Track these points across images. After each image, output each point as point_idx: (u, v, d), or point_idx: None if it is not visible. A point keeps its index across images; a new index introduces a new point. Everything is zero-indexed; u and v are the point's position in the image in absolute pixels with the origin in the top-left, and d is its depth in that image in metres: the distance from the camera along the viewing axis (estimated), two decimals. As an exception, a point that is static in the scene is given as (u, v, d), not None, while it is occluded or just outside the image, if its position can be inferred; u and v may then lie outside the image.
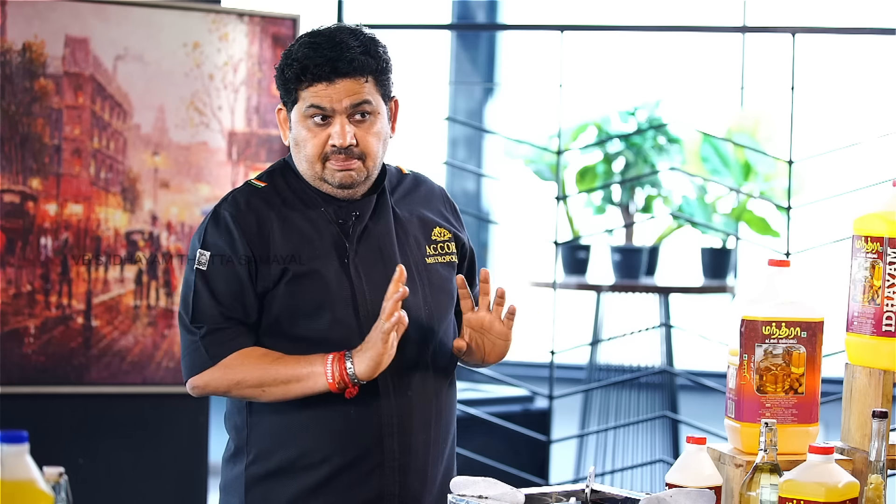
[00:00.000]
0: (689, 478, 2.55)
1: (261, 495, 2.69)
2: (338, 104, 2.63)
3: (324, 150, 2.65)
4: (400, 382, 2.68)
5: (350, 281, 2.66)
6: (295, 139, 2.69)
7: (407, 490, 2.68)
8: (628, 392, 5.80)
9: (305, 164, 2.68)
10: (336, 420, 2.65)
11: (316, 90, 2.63)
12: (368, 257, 2.69)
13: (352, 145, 2.64)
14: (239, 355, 2.64)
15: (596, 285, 5.73)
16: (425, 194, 2.85)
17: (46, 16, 4.25)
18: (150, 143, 4.41)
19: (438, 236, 2.81)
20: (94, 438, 4.39)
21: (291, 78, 2.66)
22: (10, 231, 4.23)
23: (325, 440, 2.66)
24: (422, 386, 2.71)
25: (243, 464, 2.71)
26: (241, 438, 2.72)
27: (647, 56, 7.06)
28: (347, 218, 2.70)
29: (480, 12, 7.52)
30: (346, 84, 2.63)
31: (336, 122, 2.64)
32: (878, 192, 2.78)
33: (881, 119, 6.26)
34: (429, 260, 2.77)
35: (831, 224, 5.38)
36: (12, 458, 1.79)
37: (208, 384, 2.65)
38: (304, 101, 2.65)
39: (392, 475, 2.68)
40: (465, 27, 7.50)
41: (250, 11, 4.52)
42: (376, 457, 2.66)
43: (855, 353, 2.73)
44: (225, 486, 2.77)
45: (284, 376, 2.61)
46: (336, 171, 2.66)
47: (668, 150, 5.77)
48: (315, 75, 2.63)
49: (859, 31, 5.62)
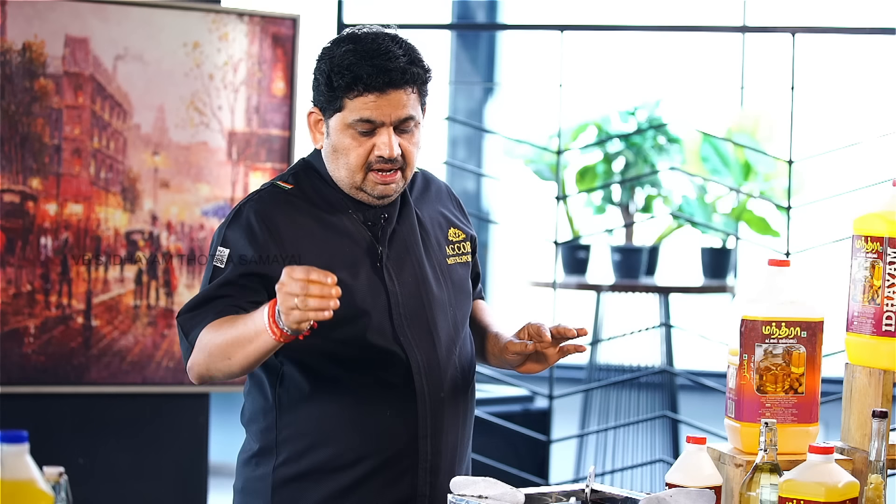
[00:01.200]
0: (689, 478, 2.55)
1: (289, 496, 2.66)
2: (386, 117, 2.59)
3: (367, 160, 2.61)
4: (434, 383, 2.66)
5: (384, 285, 2.65)
6: (334, 146, 2.63)
7: (437, 490, 2.67)
8: (628, 392, 5.80)
9: (344, 173, 2.64)
10: (372, 421, 2.63)
11: (366, 101, 2.58)
12: (399, 260, 2.68)
13: (396, 157, 2.61)
14: (205, 331, 2.56)
15: (596, 285, 5.73)
16: (436, 193, 2.84)
17: (46, 16, 4.25)
18: (150, 143, 4.41)
19: (454, 237, 2.80)
20: (94, 438, 4.39)
21: (342, 87, 2.58)
22: (10, 231, 4.23)
23: (361, 441, 2.63)
24: (452, 386, 2.70)
25: (271, 465, 2.67)
26: (268, 439, 2.67)
27: (647, 56, 7.06)
28: (377, 220, 2.68)
29: (480, 12, 7.52)
30: (395, 96, 2.59)
31: (383, 132, 2.60)
32: (878, 192, 2.78)
33: (881, 119, 6.26)
34: (449, 261, 2.77)
35: (831, 224, 5.38)
36: (12, 458, 1.79)
37: (192, 367, 2.58)
38: (350, 112, 2.59)
39: (424, 476, 2.66)
40: (465, 27, 7.50)
41: (250, 11, 4.52)
42: (410, 458, 2.65)
43: (855, 353, 2.73)
44: (245, 487, 2.72)
45: (236, 338, 2.48)
46: (377, 183, 2.62)
47: (668, 150, 5.77)
48: (368, 86, 2.57)
49: (859, 31, 5.62)
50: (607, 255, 5.79)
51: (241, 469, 2.74)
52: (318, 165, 2.71)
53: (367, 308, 2.62)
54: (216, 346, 2.52)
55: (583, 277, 5.76)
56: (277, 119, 4.55)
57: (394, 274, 2.66)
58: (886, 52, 6.34)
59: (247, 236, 2.62)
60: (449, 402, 2.69)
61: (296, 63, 4.55)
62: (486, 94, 7.53)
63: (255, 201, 2.66)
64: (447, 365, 2.69)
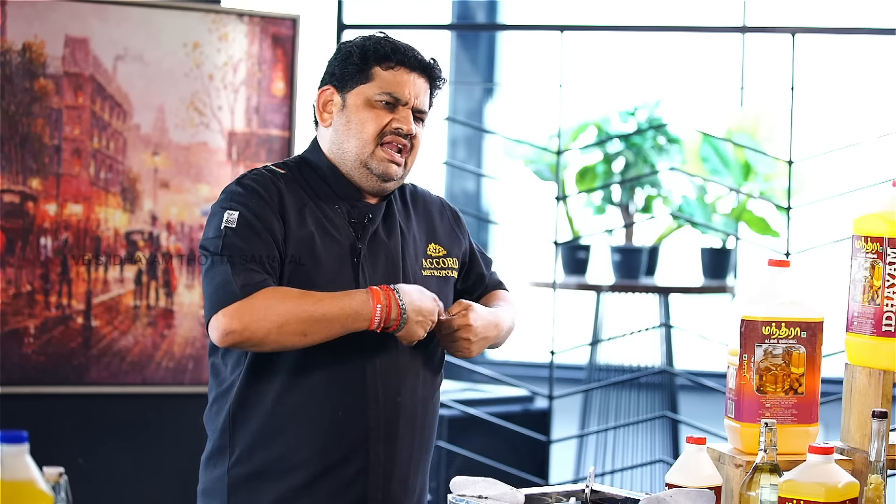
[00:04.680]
0: (689, 478, 2.55)
1: (245, 497, 2.66)
2: (411, 98, 2.68)
3: (382, 131, 2.67)
4: (390, 387, 2.66)
5: (356, 282, 2.66)
6: (349, 120, 2.69)
7: (390, 497, 2.67)
8: (628, 392, 5.80)
9: (355, 144, 2.68)
10: (323, 420, 2.63)
11: (397, 74, 2.67)
12: (374, 260, 2.69)
13: (411, 135, 2.68)
14: (274, 293, 2.55)
15: (596, 285, 5.73)
16: (423, 208, 2.86)
17: (46, 16, 4.25)
18: (150, 143, 4.41)
19: (433, 252, 2.82)
20: (94, 438, 4.39)
21: (378, 56, 2.67)
22: (10, 231, 4.23)
23: (311, 440, 2.63)
24: (411, 393, 2.70)
25: (225, 465, 2.68)
26: (223, 438, 2.68)
27: (647, 56, 7.06)
28: (361, 219, 2.70)
29: (480, 12, 7.52)
30: (421, 82, 2.71)
31: (404, 111, 2.68)
32: (878, 192, 2.78)
33: (881, 119, 6.26)
34: (425, 273, 2.78)
35: (831, 224, 5.38)
36: (12, 458, 1.79)
37: (247, 327, 2.52)
38: (378, 85, 2.67)
39: (376, 481, 2.66)
40: (465, 27, 7.50)
41: (250, 11, 4.52)
42: (361, 461, 2.65)
43: (855, 353, 2.74)
44: (205, 489, 2.73)
45: (333, 313, 2.54)
46: (385, 158, 2.67)
47: (668, 150, 5.77)
48: (402, 61, 2.67)
49: (859, 31, 5.62)
50: (607, 255, 5.79)
51: (202, 471, 2.76)
52: (313, 160, 2.73)
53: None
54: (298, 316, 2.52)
55: (583, 278, 5.76)
56: (277, 119, 4.55)
57: (368, 273, 2.67)
58: (886, 52, 6.34)
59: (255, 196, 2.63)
60: (406, 407, 2.69)
61: (296, 63, 4.55)
62: (486, 95, 7.53)
63: (253, 175, 2.69)
64: (407, 370, 2.69)
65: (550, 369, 5.12)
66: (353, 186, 2.71)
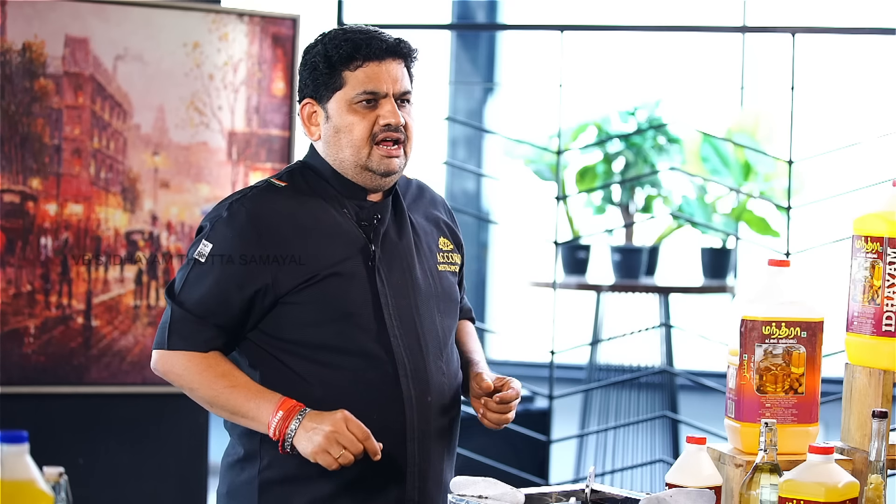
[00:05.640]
0: (689, 478, 2.55)
1: (275, 500, 2.64)
2: (388, 87, 2.64)
3: (372, 132, 2.64)
4: (421, 388, 2.65)
5: (374, 285, 2.64)
6: (336, 128, 2.66)
7: (426, 497, 2.66)
8: (628, 392, 5.80)
9: (349, 151, 2.65)
10: None
11: (367, 71, 2.63)
12: (390, 261, 2.67)
13: (401, 126, 2.65)
14: (203, 362, 2.62)
15: (596, 285, 5.73)
16: (430, 202, 2.84)
17: (46, 16, 4.25)
18: (150, 143, 4.41)
19: (444, 246, 2.80)
20: (94, 438, 4.39)
21: (341, 59, 2.64)
22: (10, 231, 4.23)
23: None
24: (440, 392, 2.69)
25: (256, 469, 2.65)
26: (252, 442, 2.66)
27: (647, 56, 7.06)
28: (370, 220, 2.68)
29: (480, 12, 7.52)
30: (393, 66, 2.66)
31: (386, 103, 2.64)
32: (878, 192, 2.78)
33: (881, 119, 6.26)
34: (440, 267, 2.77)
35: (831, 224, 5.38)
36: (12, 458, 1.79)
37: (167, 374, 2.66)
38: (352, 87, 2.64)
39: (412, 481, 2.65)
40: (465, 27, 7.50)
41: (250, 11, 4.52)
42: (397, 463, 2.63)
43: (855, 353, 2.74)
44: (230, 491, 2.71)
45: (233, 407, 2.60)
46: (383, 156, 2.64)
47: (668, 150, 5.77)
48: (367, 55, 2.63)
49: (859, 31, 5.62)
50: (607, 255, 5.80)
51: (226, 473, 2.73)
52: (314, 164, 2.71)
53: (357, 308, 2.62)
54: (207, 394, 2.62)
55: (583, 277, 5.76)
56: (277, 119, 4.56)
57: (384, 275, 2.66)
58: (886, 52, 6.34)
59: (237, 235, 2.62)
60: (437, 406, 2.68)
61: (296, 63, 4.55)
62: (486, 94, 7.53)
63: (249, 199, 2.65)
64: (434, 369, 2.68)
65: (550, 369, 5.11)
66: (357, 186, 2.69)
